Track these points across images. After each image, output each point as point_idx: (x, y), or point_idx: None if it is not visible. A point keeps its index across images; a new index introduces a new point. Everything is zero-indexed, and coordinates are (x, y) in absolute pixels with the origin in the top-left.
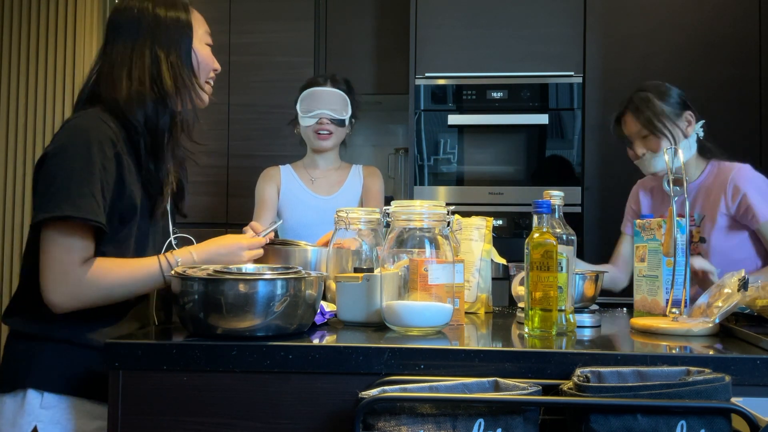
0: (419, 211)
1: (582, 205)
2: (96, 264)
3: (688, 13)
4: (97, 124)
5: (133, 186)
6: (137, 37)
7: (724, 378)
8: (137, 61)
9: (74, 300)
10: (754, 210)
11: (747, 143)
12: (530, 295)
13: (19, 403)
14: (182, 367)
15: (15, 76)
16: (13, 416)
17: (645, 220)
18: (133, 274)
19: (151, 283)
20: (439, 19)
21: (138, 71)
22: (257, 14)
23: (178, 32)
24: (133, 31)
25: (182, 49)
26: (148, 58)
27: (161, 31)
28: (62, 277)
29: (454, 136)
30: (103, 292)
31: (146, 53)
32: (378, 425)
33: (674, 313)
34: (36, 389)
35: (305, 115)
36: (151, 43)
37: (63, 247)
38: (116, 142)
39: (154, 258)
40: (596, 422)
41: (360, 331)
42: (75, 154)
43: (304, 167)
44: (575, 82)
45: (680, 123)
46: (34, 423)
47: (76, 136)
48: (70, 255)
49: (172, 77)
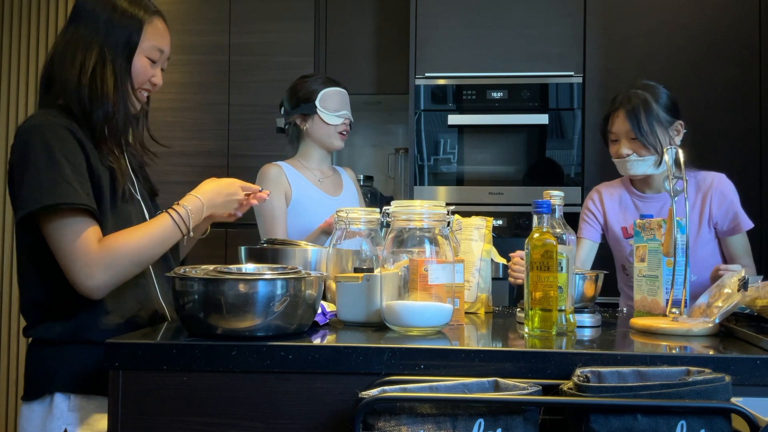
0: (419, 211)
1: (582, 205)
2: (111, 238)
3: (688, 13)
4: (47, 120)
5: (99, 169)
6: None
7: (724, 378)
8: (88, 53)
9: (109, 277)
10: (739, 219)
11: (747, 143)
12: (530, 295)
13: (47, 408)
14: (182, 367)
15: (15, 76)
16: (42, 422)
17: (645, 220)
18: (150, 234)
19: (170, 235)
20: (439, 19)
21: (86, 62)
22: (257, 14)
23: (125, 34)
24: (90, 21)
25: (125, 53)
26: (96, 54)
27: (113, 30)
28: (87, 261)
29: (454, 136)
30: (129, 260)
31: (95, 49)
32: (378, 425)
33: (674, 313)
34: (63, 393)
35: (333, 113)
36: (102, 39)
37: (69, 235)
38: (74, 130)
39: (162, 214)
40: (596, 422)
41: (360, 331)
42: (36, 150)
43: (306, 167)
44: (575, 82)
45: (671, 131)
46: (64, 426)
47: (31, 134)
48: (82, 239)
49: (113, 78)
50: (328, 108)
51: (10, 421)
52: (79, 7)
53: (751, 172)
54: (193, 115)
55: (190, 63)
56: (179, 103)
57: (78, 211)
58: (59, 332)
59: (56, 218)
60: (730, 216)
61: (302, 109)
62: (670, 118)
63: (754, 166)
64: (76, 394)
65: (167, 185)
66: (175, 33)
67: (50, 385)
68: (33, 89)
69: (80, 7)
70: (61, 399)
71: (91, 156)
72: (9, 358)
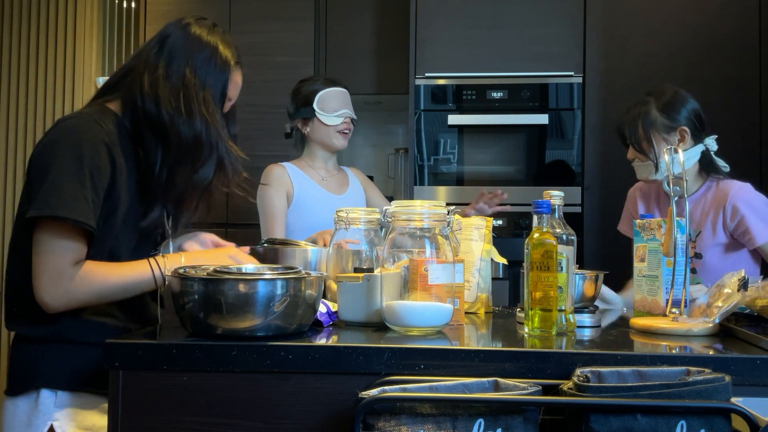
0: (419, 211)
1: (582, 205)
2: (87, 265)
3: (688, 13)
4: (89, 126)
5: (122, 190)
6: (186, 59)
7: (724, 378)
8: (175, 74)
9: (66, 300)
10: (752, 233)
11: (747, 143)
12: (530, 295)
13: (33, 404)
14: (182, 367)
15: (15, 76)
16: (28, 417)
17: (645, 220)
18: (124, 277)
19: (142, 284)
20: (439, 19)
21: (173, 80)
22: (257, 14)
23: (221, 83)
24: (183, 53)
25: (218, 90)
26: (187, 76)
27: (209, 67)
28: (55, 277)
29: (454, 136)
30: (94, 292)
31: (187, 73)
32: (378, 425)
33: (674, 313)
34: (49, 388)
35: (332, 114)
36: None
37: (56, 248)
38: (111, 146)
39: (144, 261)
40: (596, 422)
41: (360, 331)
42: (67, 154)
43: (310, 167)
44: (575, 82)
45: (671, 137)
46: (50, 422)
47: (68, 136)
48: (63, 256)
49: (198, 105)
50: (326, 109)
51: None
52: (169, 37)
53: (751, 172)
54: None
55: None
56: None
57: (77, 229)
58: (43, 333)
59: (55, 227)
60: (742, 229)
61: (302, 113)
62: (670, 124)
63: (754, 166)
64: (63, 390)
65: None
66: None
67: (36, 381)
68: (33, 89)
69: (171, 39)
70: (47, 395)
71: (118, 173)
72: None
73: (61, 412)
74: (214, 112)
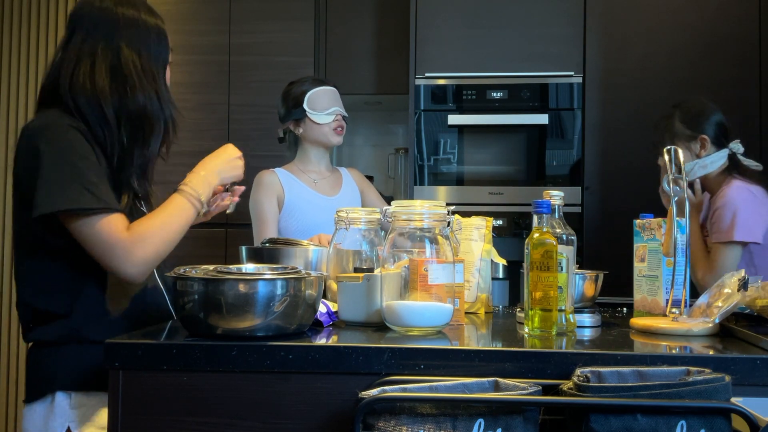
0: (419, 211)
1: (582, 205)
2: (137, 225)
3: (688, 13)
4: (62, 121)
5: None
6: (107, 35)
7: (724, 378)
8: (103, 57)
9: (146, 260)
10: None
11: (747, 143)
12: (530, 295)
13: (49, 407)
14: (182, 367)
15: (15, 76)
16: (44, 421)
17: (645, 220)
18: (170, 215)
19: (187, 214)
20: (439, 19)
21: (103, 65)
22: (257, 14)
23: (157, 39)
24: (101, 30)
25: (160, 56)
26: (113, 54)
27: (136, 32)
28: (123, 249)
29: (454, 136)
30: (160, 240)
31: (112, 49)
32: (378, 425)
33: (674, 313)
34: (64, 391)
35: (323, 112)
36: (119, 41)
37: (103, 228)
38: (86, 135)
39: (173, 195)
40: (596, 422)
41: (360, 331)
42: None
43: (301, 170)
44: (575, 82)
45: (693, 146)
46: (67, 424)
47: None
48: (114, 230)
49: (137, 75)
50: (316, 108)
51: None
52: (81, 17)
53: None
54: (193, 115)
55: (190, 63)
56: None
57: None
58: (57, 333)
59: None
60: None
61: (293, 114)
62: (691, 133)
63: None
64: (77, 391)
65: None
66: (175, 33)
67: (51, 385)
68: (33, 89)
69: (83, 18)
70: (63, 397)
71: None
72: (9, 360)
73: (76, 413)
74: (157, 79)
